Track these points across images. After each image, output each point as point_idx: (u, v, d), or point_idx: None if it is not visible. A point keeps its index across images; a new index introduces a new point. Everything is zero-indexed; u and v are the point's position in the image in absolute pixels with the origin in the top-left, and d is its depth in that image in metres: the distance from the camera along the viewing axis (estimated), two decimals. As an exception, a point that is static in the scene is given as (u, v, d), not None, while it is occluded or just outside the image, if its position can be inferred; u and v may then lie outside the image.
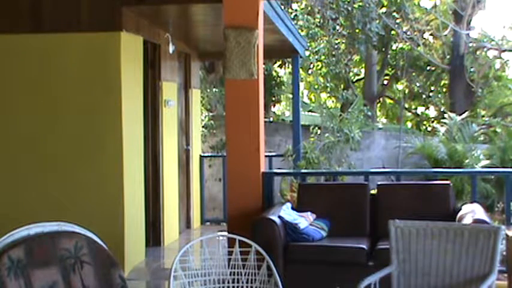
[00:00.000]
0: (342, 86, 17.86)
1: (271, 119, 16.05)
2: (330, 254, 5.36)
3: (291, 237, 5.46)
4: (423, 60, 19.24)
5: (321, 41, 14.29)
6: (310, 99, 19.90)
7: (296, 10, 14.39)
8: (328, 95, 18.22)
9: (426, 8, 19.25)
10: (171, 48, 7.71)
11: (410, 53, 18.90)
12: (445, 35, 18.33)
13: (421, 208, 5.61)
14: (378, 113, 21.70)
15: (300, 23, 13.32)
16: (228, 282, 4.48)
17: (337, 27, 14.90)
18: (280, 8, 7.85)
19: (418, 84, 20.22)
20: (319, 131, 12.36)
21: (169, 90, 8.14)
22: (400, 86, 20.92)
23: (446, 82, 19.88)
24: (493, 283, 3.80)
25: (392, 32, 17.45)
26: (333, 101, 18.27)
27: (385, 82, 20.83)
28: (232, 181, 5.94)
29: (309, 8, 14.56)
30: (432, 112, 21.90)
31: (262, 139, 6.05)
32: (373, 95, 19.23)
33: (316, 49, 13.81)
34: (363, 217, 5.83)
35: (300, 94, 11.40)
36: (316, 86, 15.10)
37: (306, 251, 5.40)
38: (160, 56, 7.81)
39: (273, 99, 17.11)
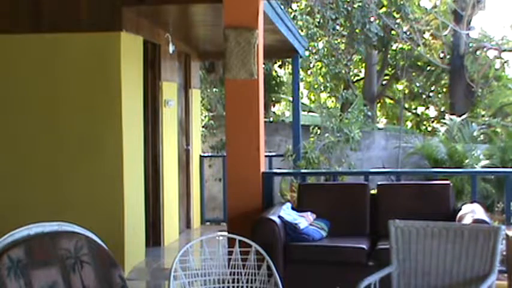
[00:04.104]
0: (342, 86, 17.87)
1: (271, 119, 16.05)
2: (330, 254, 5.36)
3: (291, 237, 5.46)
4: (423, 60, 19.25)
5: (321, 41, 14.29)
6: (310, 99, 19.91)
7: (295, 10, 14.38)
8: (328, 95, 18.22)
9: (426, 8, 19.25)
10: (171, 48, 7.71)
11: (410, 53, 18.91)
12: (445, 35, 18.34)
13: (421, 208, 5.61)
14: (378, 113, 21.71)
15: (299, 23, 13.32)
16: (228, 282, 4.48)
17: (337, 27, 14.90)
18: (280, 8, 7.84)
19: (418, 84, 20.24)
20: (319, 131, 12.36)
21: (169, 90, 8.14)
22: (400, 86, 20.93)
23: (446, 82, 19.89)
24: (493, 283, 3.80)
25: (392, 32, 17.46)
26: (332, 101, 18.27)
27: (385, 82, 20.84)
28: (232, 181, 5.94)
29: (309, 8, 14.56)
30: (432, 112, 21.91)
31: (262, 139, 6.04)
32: (373, 95, 19.24)
33: (316, 49, 13.81)
34: (363, 217, 5.83)
35: (300, 94, 11.40)
36: (316, 86, 15.10)
37: (306, 251, 5.40)
38: (160, 56, 7.80)
39: (273, 99, 17.12)
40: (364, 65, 20.22)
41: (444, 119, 15.19)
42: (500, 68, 20.54)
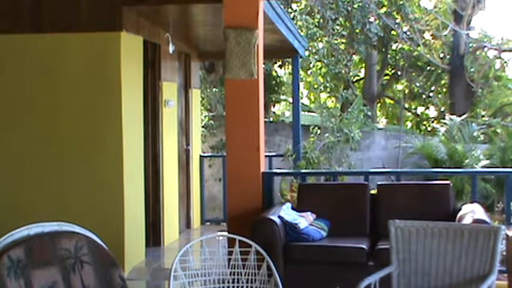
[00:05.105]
0: (342, 86, 17.87)
1: (271, 119, 16.05)
2: (330, 254, 5.35)
3: (291, 237, 5.46)
4: (423, 60, 19.24)
5: (321, 41, 14.29)
6: (310, 99, 19.91)
7: (295, 10, 14.39)
8: (328, 95, 18.22)
9: (426, 8, 19.26)
10: (171, 48, 7.71)
11: (410, 53, 18.90)
12: (445, 35, 18.34)
13: (421, 208, 5.61)
14: (378, 113, 21.70)
15: (299, 23, 13.32)
16: (228, 282, 4.48)
17: (337, 27, 14.90)
18: (280, 8, 7.85)
19: (418, 84, 20.23)
20: (319, 131, 12.36)
21: (169, 90, 8.14)
22: (400, 86, 20.93)
23: (446, 82, 19.88)
24: (493, 283, 3.80)
25: (392, 32, 17.46)
26: (332, 101, 18.28)
27: (385, 82, 20.84)
28: (232, 181, 5.94)
29: (309, 8, 14.56)
30: (432, 112, 21.91)
31: (262, 139, 6.04)
32: (373, 95, 19.24)
33: (316, 49, 13.81)
34: (363, 217, 5.83)
35: (300, 94, 11.40)
36: (316, 86, 15.10)
37: (306, 251, 5.40)
38: (160, 56, 7.81)
39: (273, 99, 17.12)
40: (364, 65, 20.21)
41: (444, 119, 15.19)
42: (500, 68, 20.53)
